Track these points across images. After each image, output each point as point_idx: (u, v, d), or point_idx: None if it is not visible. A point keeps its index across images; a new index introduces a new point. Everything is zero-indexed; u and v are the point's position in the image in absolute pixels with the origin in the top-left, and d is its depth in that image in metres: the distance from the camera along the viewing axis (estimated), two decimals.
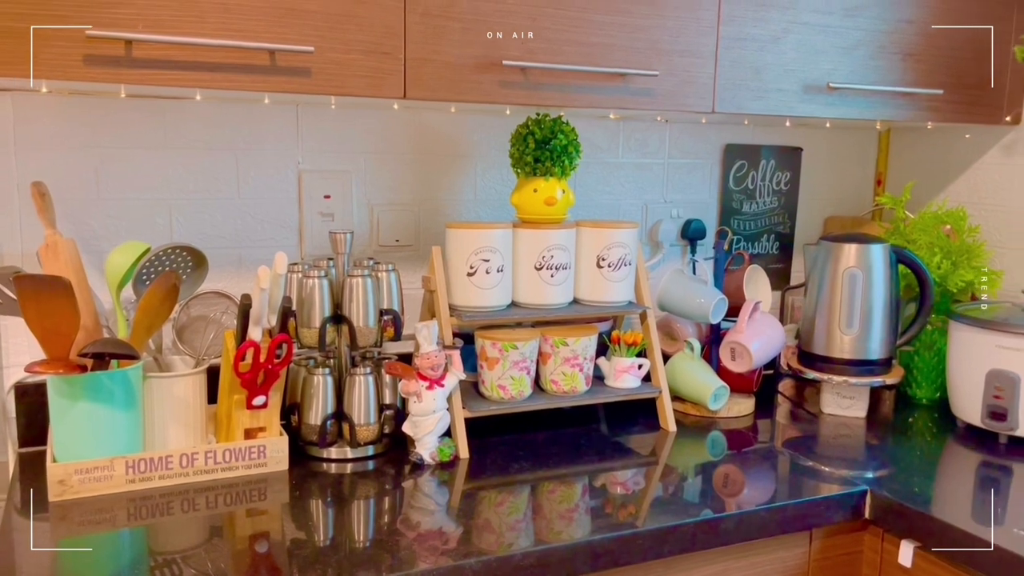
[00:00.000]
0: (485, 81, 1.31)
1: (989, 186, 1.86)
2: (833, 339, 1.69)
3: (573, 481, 1.34)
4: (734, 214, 1.97)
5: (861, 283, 1.66)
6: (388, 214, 1.67)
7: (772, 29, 1.50)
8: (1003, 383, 1.53)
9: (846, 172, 2.10)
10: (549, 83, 1.36)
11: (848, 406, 1.71)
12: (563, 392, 1.53)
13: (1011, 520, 1.23)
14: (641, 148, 1.86)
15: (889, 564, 1.32)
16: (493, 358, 1.47)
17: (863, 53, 1.58)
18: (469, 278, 1.46)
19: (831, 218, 2.09)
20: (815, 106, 1.56)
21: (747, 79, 1.50)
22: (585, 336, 1.52)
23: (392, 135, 1.65)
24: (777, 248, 2.04)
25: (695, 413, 1.69)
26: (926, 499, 1.30)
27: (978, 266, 1.76)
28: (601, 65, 1.38)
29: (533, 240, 1.50)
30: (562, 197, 1.51)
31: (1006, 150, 1.82)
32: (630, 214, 1.88)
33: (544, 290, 1.51)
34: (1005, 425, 1.54)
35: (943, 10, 1.64)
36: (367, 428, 1.40)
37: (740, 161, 1.95)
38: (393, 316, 1.42)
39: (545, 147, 1.48)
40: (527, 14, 1.32)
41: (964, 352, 1.61)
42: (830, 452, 1.50)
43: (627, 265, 1.57)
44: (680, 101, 1.45)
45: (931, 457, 1.50)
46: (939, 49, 1.65)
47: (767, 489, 1.32)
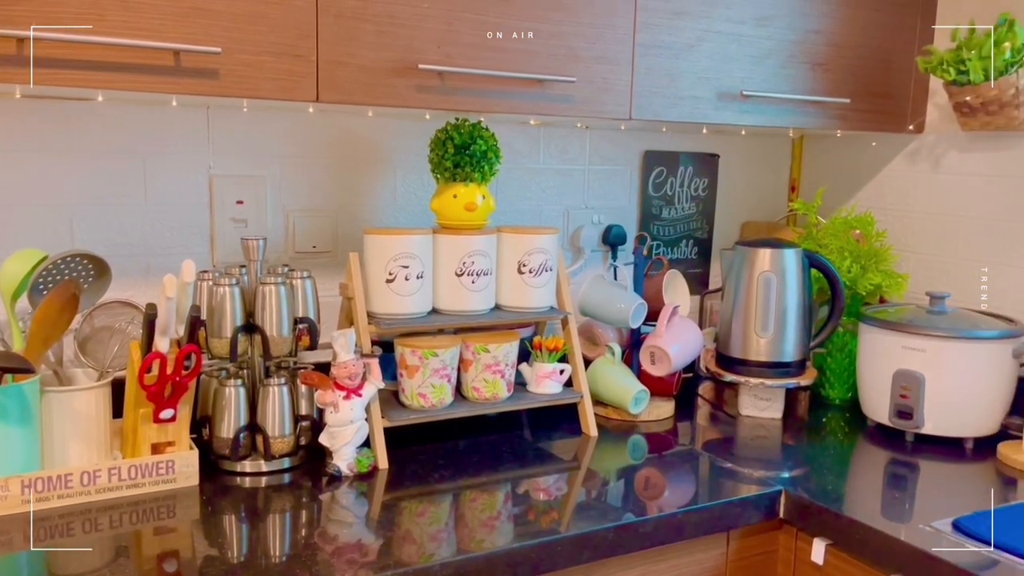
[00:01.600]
0: (401, 85, 1.30)
1: (895, 192, 1.93)
2: (749, 342, 1.72)
3: (495, 489, 1.33)
4: (654, 220, 2.00)
5: (775, 287, 1.70)
6: (304, 220, 1.63)
7: (686, 37, 1.53)
8: (909, 383, 1.58)
9: (761, 178, 2.15)
10: (466, 88, 1.35)
11: (764, 408, 1.75)
12: (485, 399, 1.52)
13: (918, 516, 1.27)
14: (562, 154, 1.87)
15: (802, 562, 1.35)
16: (413, 366, 1.45)
17: (774, 62, 1.62)
18: (388, 285, 1.44)
19: (747, 223, 2.14)
20: (729, 113, 1.59)
21: (663, 86, 1.52)
22: (507, 342, 1.52)
23: (308, 139, 1.62)
24: (695, 253, 2.07)
25: (616, 417, 1.70)
26: (837, 498, 1.33)
27: (885, 270, 1.82)
28: (519, 71, 1.38)
29: (453, 246, 1.49)
30: (482, 203, 1.50)
31: (910, 158, 1.90)
32: (551, 220, 1.88)
33: (465, 296, 1.50)
34: (911, 423, 1.59)
35: (849, 21, 1.70)
36: (282, 440, 1.36)
37: (659, 167, 1.98)
38: (308, 324, 1.38)
39: (465, 152, 1.47)
40: (443, 18, 1.31)
41: (873, 353, 1.66)
42: (747, 453, 1.53)
43: (548, 271, 1.57)
44: (598, 108, 1.46)
45: (843, 456, 1.54)
46: (846, 59, 1.71)
47: (687, 492, 1.34)
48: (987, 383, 1.56)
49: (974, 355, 1.55)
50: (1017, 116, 1.62)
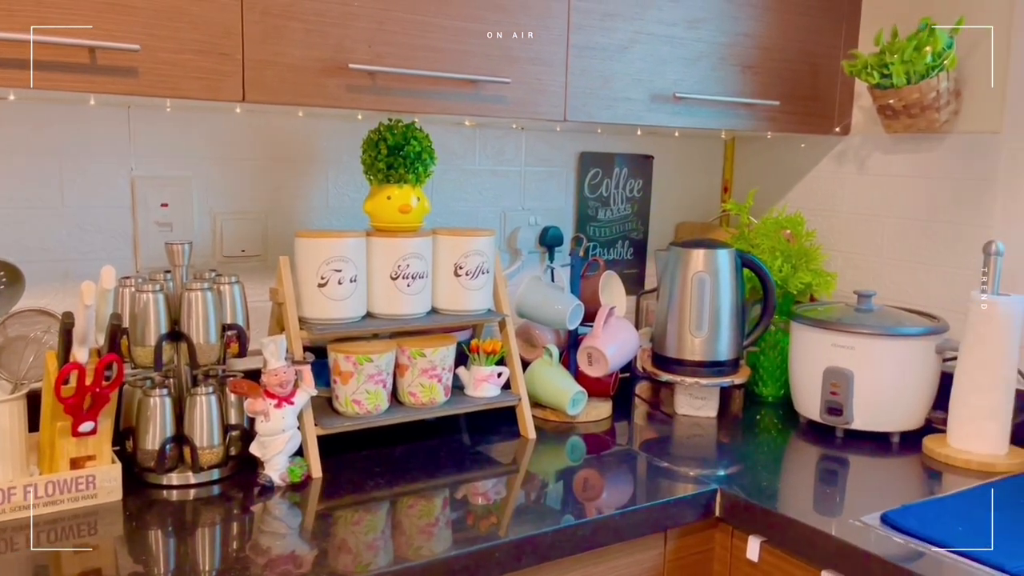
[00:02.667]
0: (331, 85, 1.27)
1: (823, 193, 1.98)
2: (684, 342, 1.74)
3: (433, 495, 1.31)
4: (590, 221, 2.00)
5: (709, 287, 1.72)
6: (232, 223, 1.58)
7: (619, 39, 1.53)
8: (838, 380, 1.61)
9: (695, 179, 2.18)
10: (399, 88, 1.32)
11: (700, 406, 1.76)
12: (422, 404, 1.50)
13: (848, 511, 1.30)
14: (498, 155, 1.86)
15: (738, 560, 1.37)
16: (347, 372, 1.42)
17: (706, 64, 1.64)
18: (320, 289, 1.41)
19: (681, 224, 2.16)
20: (662, 115, 1.60)
21: (597, 88, 1.52)
22: (443, 346, 1.50)
23: (236, 140, 1.57)
24: (631, 254, 2.09)
25: (555, 419, 1.70)
26: (771, 495, 1.35)
27: (815, 269, 1.86)
28: (452, 71, 1.36)
29: (388, 249, 1.47)
30: (417, 205, 1.48)
31: (837, 159, 1.94)
32: (488, 222, 1.87)
33: (400, 300, 1.48)
34: (841, 419, 1.63)
35: (777, 25, 1.73)
36: (211, 451, 1.32)
37: (595, 169, 1.99)
38: (237, 331, 1.34)
39: (398, 153, 1.45)
40: (374, 17, 1.29)
41: (804, 351, 1.70)
42: (684, 452, 1.54)
43: (485, 273, 1.55)
44: (532, 109, 1.46)
45: (776, 453, 1.56)
46: (775, 62, 1.74)
47: (625, 492, 1.34)
48: (912, 379, 1.60)
49: (900, 352, 1.59)
50: (938, 119, 1.67)
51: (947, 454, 1.52)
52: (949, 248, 1.74)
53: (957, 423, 1.53)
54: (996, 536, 1.20)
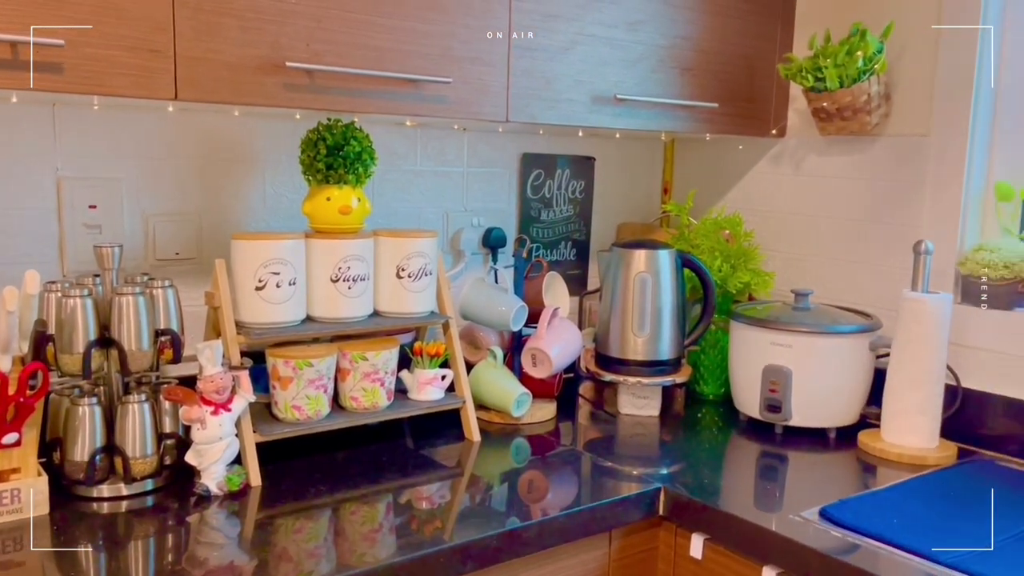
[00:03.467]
0: (268, 83, 1.24)
1: (760, 193, 2.01)
2: (627, 342, 1.75)
3: (376, 500, 1.29)
4: (533, 222, 2.00)
5: (651, 287, 1.73)
6: (166, 225, 1.54)
7: (561, 40, 1.53)
8: (777, 377, 1.64)
9: (636, 181, 2.20)
10: (338, 87, 1.30)
11: (643, 406, 1.78)
12: (364, 409, 1.48)
13: (788, 506, 1.32)
14: (440, 156, 1.84)
15: (682, 557, 1.38)
16: (286, 377, 1.39)
17: (645, 66, 1.65)
18: (258, 292, 1.37)
19: (623, 225, 2.17)
20: (603, 117, 1.61)
21: (539, 89, 1.52)
22: (386, 349, 1.48)
23: (169, 139, 1.52)
24: (574, 255, 2.09)
25: (499, 421, 1.69)
26: (713, 492, 1.37)
27: (753, 268, 1.89)
28: (392, 70, 1.34)
29: (328, 251, 1.44)
30: (358, 206, 1.46)
31: (773, 160, 1.98)
32: (430, 223, 1.85)
33: (341, 303, 1.45)
34: (780, 416, 1.66)
35: (715, 28, 1.75)
36: (144, 461, 1.27)
37: (537, 170, 1.99)
38: (171, 336, 1.30)
39: (338, 154, 1.42)
40: (312, 15, 1.26)
41: (743, 349, 1.72)
42: (627, 452, 1.55)
43: (428, 275, 1.54)
44: (474, 109, 1.45)
45: (717, 451, 1.58)
46: (713, 65, 1.76)
47: (570, 493, 1.34)
48: (848, 375, 1.64)
49: (836, 349, 1.63)
50: (869, 121, 1.71)
51: (881, 448, 1.56)
52: (881, 247, 1.78)
53: (890, 418, 1.58)
54: (928, 527, 1.23)
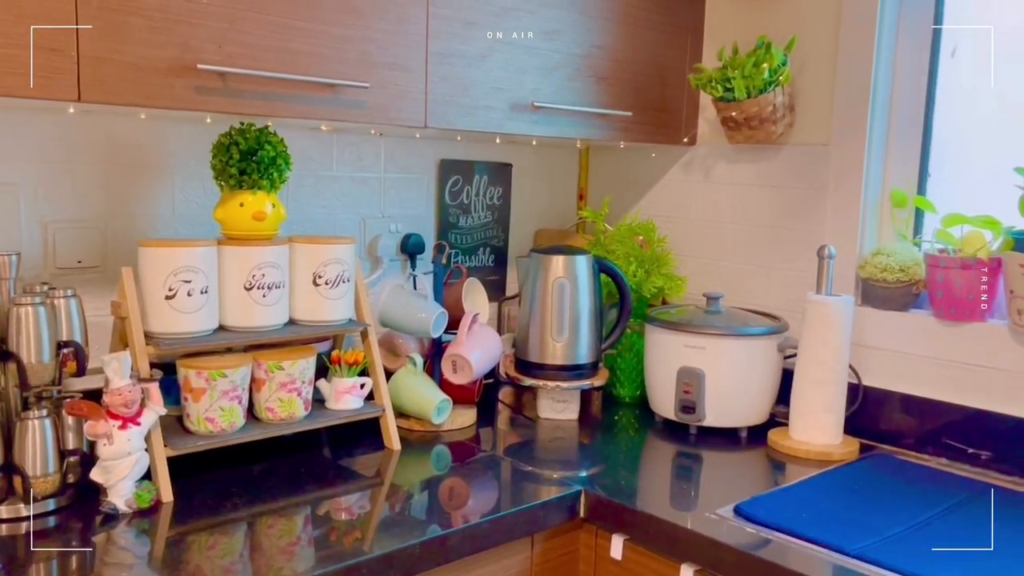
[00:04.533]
0: (178, 85, 1.20)
1: (672, 200, 2.06)
2: (546, 346, 1.77)
3: (294, 513, 1.27)
4: (451, 228, 2.00)
5: (569, 292, 1.75)
6: (67, 232, 1.47)
7: (478, 47, 1.54)
8: (691, 379, 1.69)
9: (552, 187, 2.22)
10: (252, 91, 1.27)
11: (562, 409, 1.80)
12: (280, 419, 1.44)
13: (703, 505, 1.35)
14: (357, 161, 1.82)
15: (602, 559, 1.40)
16: (199, 388, 1.35)
17: (562, 75, 1.68)
18: (168, 301, 1.33)
19: (540, 231, 2.20)
20: (521, 124, 1.62)
21: (457, 95, 1.52)
22: (302, 358, 1.45)
23: (70, 143, 1.46)
24: (493, 260, 2.10)
25: (420, 428, 1.68)
26: (631, 493, 1.39)
27: (667, 273, 1.94)
28: (309, 74, 1.32)
29: (241, 258, 1.40)
30: (272, 211, 1.43)
31: (685, 168, 2.03)
32: (347, 229, 1.83)
33: (255, 311, 1.42)
34: (694, 417, 1.70)
35: (628, 38, 1.79)
36: (45, 480, 1.21)
37: (455, 176, 1.99)
38: (74, 348, 1.24)
39: (251, 158, 1.39)
40: (224, 16, 1.23)
41: (658, 352, 1.76)
42: (547, 456, 1.57)
43: (345, 282, 1.52)
44: (393, 115, 1.44)
45: (634, 452, 1.61)
46: (627, 74, 1.80)
47: (491, 499, 1.34)
48: (758, 375, 1.70)
49: (746, 350, 1.68)
50: (775, 131, 1.78)
51: (790, 446, 1.62)
52: (787, 252, 1.86)
53: (797, 416, 1.64)
54: (836, 520, 1.28)
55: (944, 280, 1.57)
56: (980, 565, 1.15)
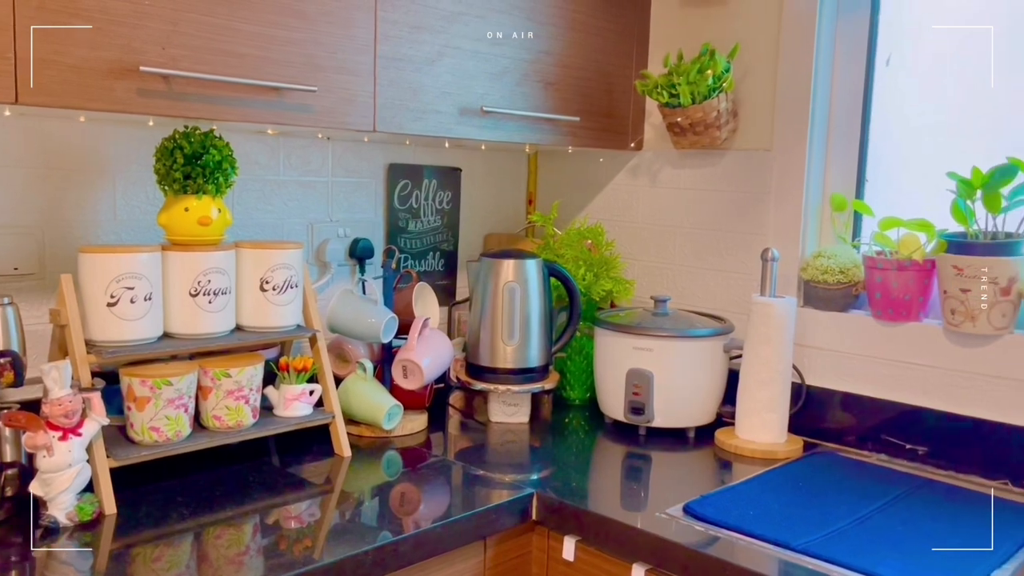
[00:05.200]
0: (119, 88, 1.17)
1: (620, 204, 2.09)
2: (497, 350, 1.77)
3: (242, 522, 1.25)
4: (400, 232, 1.99)
5: (519, 296, 1.76)
6: (3, 238, 1.42)
7: (427, 51, 1.54)
8: (640, 380, 1.71)
9: (501, 191, 2.23)
10: (196, 94, 1.25)
11: (513, 413, 1.80)
12: (228, 428, 1.42)
13: (653, 505, 1.37)
14: (304, 165, 1.80)
15: (555, 560, 1.41)
16: (143, 397, 1.32)
17: (510, 80, 1.69)
18: (110, 309, 1.30)
19: (490, 235, 2.20)
20: (470, 128, 1.63)
21: (406, 99, 1.52)
22: (250, 365, 1.43)
23: (5, 146, 1.42)
24: (442, 265, 2.10)
25: (370, 435, 1.67)
26: (582, 495, 1.40)
27: (615, 276, 1.96)
28: (254, 77, 1.31)
29: (186, 264, 1.38)
30: (218, 216, 1.40)
31: (632, 172, 2.06)
32: (295, 234, 1.81)
33: (201, 318, 1.39)
34: (643, 418, 1.72)
35: (575, 44, 1.81)
36: None
37: (404, 180, 1.98)
38: (12, 358, 1.21)
39: (196, 163, 1.37)
40: (168, 18, 1.21)
41: (607, 354, 1.78)
42: (499, 459, 1.57)
43: (293, 287, 1.50)
44: (341, 119, 1.43)
45: (585, 454, 1.63)
46: (574, 80, 1.82)
47: (443, 504, 1.34)
48: (705, 376, 1.73)
49: (694, 352, 1.71)
50: (719, 136, 1.82)
51: (736, 445, 1.65)
52: (731, 255, 1.89)
53: (743, 416, 1.67)
54: (782, 517, 1.31)
55: (882, 281, 1.62)
56: (918, 556, 1.19)
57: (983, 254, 1.48)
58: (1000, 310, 1.49)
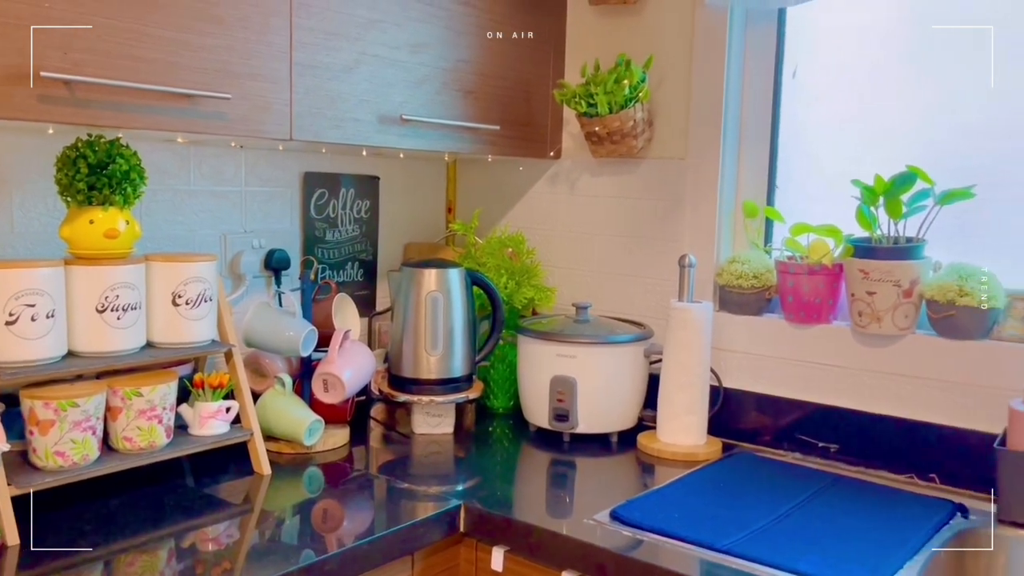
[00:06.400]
0: (18, 94, 1.11)
1: (540, 212, 2.10)
2: (420, 361, 1.75)
3: (157, 547, 1.19)
4: (318, 243, 1.95)
5: (442, 306, 1.75)
6: None
7: (344, 59, 1.51)
8: (564, 388, 1.72)
9: (421, 200, 2.21)
10: (101, 100, 1.19)
11: (437, 424, 1.79)
12: (140, 449, 1.36)
13: (580, 511, 1.38)
14: (216, 175, 1.75)
15: (484, 572, 1.40)
16: (47, 420, 1.25)
17: (430, 88, 1.67)
18: (9, 327, 1.22)
19: (410, 244, 2.18)
20: (390, 137, 1.61)
21: (323, 107, 1.49)
22: (163, 383, 1.37)
23: None
24: (362, 275, 2.06)
25: (290, 451, 1.62)
26: (509, 504, 1.40)
27: (536, 284, 1.97)
28: (164, 84, 1.26)
29: (92, 278, 1.31)
30: (126, 229, 1.34)
31: (551, 181, 2.07)
32: (207, 246, 1.75)
33: (109, 335, 1.33)
34: (567, 425, 1.73)
35: (493, 53, 1.81)
36: None
37: (320, 189, 1.94)
38: None
39: (101, 173, 1.31)
40: (69, 20, 1.15)
41: (531, 362, 1.79)
42: (424, 472, 1.55)
43: (207, 301, 1.45)
44: (256, 127, 1.39)
45: (510, 463, 1.63)
46: (493, 88, 1.82)
47: (367, 520, 1.32)
48: (627, 381, 1.75)
49: (616, 357, 1.73)
50: (636, 145, 1.85)
51: (658, 448, 1.68)
52: (649, 261, 1.93)
53: (664, 419, 1.70)
54: (704, 518, 1.34)
55: (793, 285, 1.68)
56: (836, 551, 1.24)
57: (887, 258, 1.55)
58: (903, 311, 1.56)
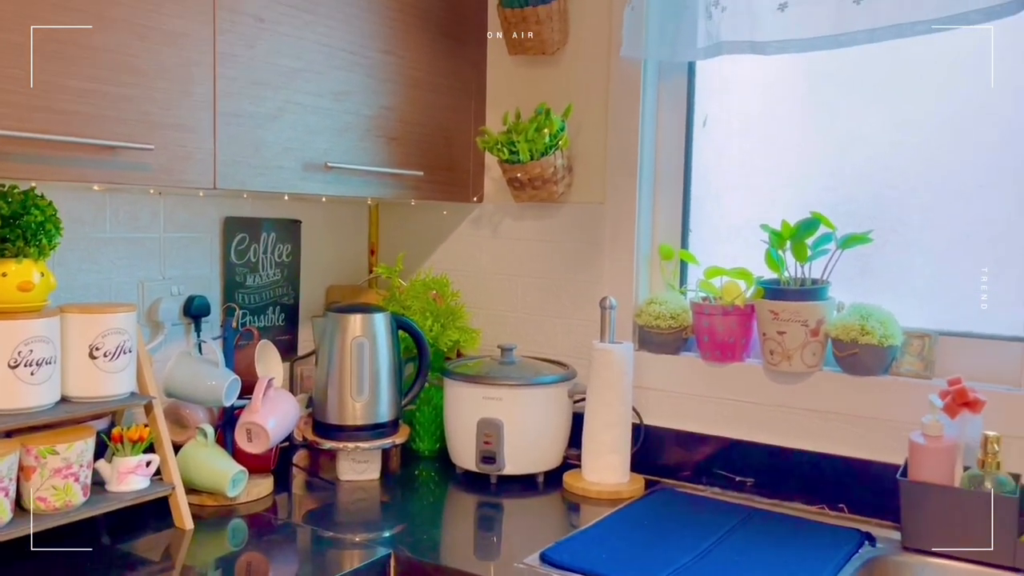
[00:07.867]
0: None
1: (463, 255, 2.13)
2: (345, 407, 1.74)
3: None
4: (238, 288, 1.92)
5: (368, 351, 1.75)
6: None
7: (269, 107, 1.51)
8: (490, 429, 1.74)
9: (343, 243, 2.21)
10: (17, 152, 1.17)
11: (363, 470, 1.77)
12: (55, 509, 1.31)
13: (510, 554, 1.40)
14: (132, 222, 1.71)
15: None
16: None
17: (353, 135, 1.69)
18: None
19: (332, 287, 2.17)
20: (315, 184, 1.61)
21: (248, 156, 1.48)
22: (79, 440, 1.33)
23: None
24: (283, 320, 2.04)
25: (213, 503, 1.58)
26: (438, 550, 1.40)
27: (461, 326, 1.99)
28: (85, 136, 1.24)
29: (5, 333, 1.27)
30: (40, 281, 1.31)
31: (474, 224, 2.11)
32: (124, 294, 1.70)
33: (22, 391, 1.28)
34: (495, 467, 1.75)
35: (415, 101, 1.84)
36: None
37: (241, 234, 1.92)
38: None
39: (15, 224, 1.27)
40: None
41: (457, 405, 1.80)
42: (350, 519, 1.54)
43: (127, 352, 1.42)
44: (179, 176, 1.37)
45: (438, 507, 1.63)
46: (417, 135, 1.85)
47: (293, 572, 1.30)
48: (553, 422, 1.78)
49: (542, 398, 1.76)
50: (556, 191, 1.90)
51: (583, 487, 1.71)
52: (571, 303, 1.97)
53: (589, 458, 1.74)
54: (630, 558, 1.37)
55: (708, 326, 1.75)
56: None
57: (794, 299, 1.64)
58: (811, 350, 1.64)
